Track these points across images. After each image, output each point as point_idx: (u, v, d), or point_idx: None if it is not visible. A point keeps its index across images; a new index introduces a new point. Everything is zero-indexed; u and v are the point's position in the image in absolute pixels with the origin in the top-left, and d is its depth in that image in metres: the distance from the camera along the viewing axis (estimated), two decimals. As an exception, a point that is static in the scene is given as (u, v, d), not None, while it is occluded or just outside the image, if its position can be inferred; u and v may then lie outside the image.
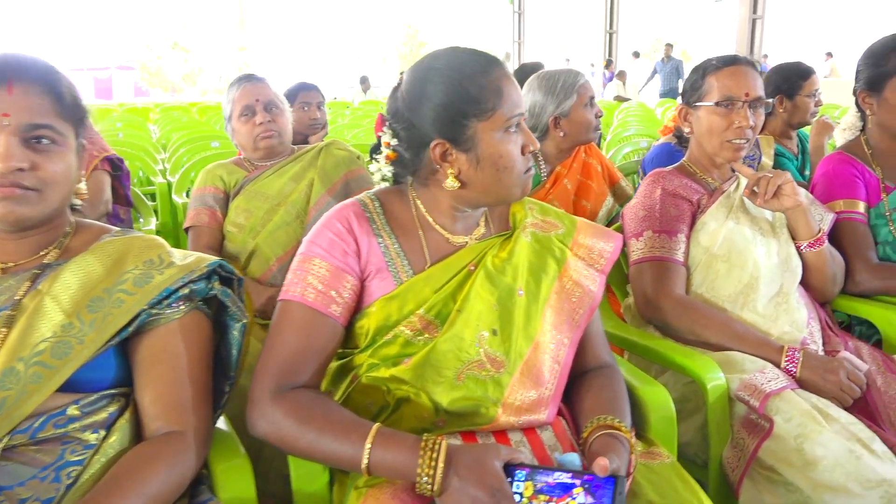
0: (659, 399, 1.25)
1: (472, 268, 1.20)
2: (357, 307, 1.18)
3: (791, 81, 2.73)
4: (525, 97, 2.25)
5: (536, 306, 1.20)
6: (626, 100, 11.36)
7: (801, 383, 1.43)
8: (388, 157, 1.20)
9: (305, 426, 1.05)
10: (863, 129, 1.98)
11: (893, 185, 1.87)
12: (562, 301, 1.23)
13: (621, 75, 13.53)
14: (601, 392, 1.22)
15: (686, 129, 1.74)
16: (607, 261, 1.29)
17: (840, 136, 2.05)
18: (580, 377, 1.28)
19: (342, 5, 24.07)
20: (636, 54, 18.08)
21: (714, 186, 1.73)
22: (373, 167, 1.23)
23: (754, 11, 12.86)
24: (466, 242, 1.23)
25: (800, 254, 1.67)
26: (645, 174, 2.63)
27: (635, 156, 3.64)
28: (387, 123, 1.19)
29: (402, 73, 1.22)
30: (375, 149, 1.22)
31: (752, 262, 1.61)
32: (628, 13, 18.86)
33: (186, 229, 2.13)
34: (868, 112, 1.91)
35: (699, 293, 1.61)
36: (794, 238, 1.66)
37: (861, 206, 1.86)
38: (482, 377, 1.15)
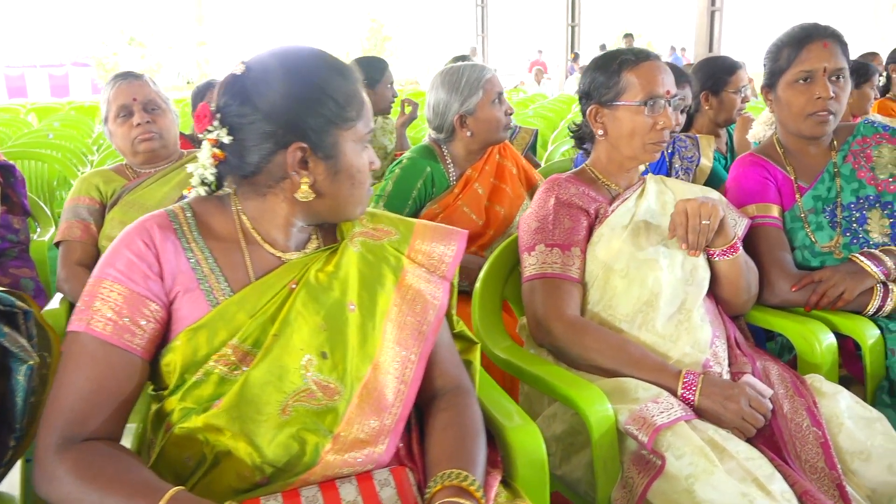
0: (527, 442, 1.10)
1: (294, 286, 1.05)
2: (166, 338, 1.02)
3: (716, 77, 2.62)
4: (429, 94, 2.10)
5: (373, 322, 1.07)
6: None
7: (700, 412, 1.29)
8: (214, 158, 1.03)
9: (89, 486, 0.89)
10: None
11: (807, 185, 1.75)
12: (404, 314, 1.10)
13: (583, 69, 13.45)
14: (447, 431, 1.07)
15: (599, 132, 1.59)
16: (449, 266, 1.16)
17: (756, 131, 1.93)
18: (429, 405, 1.13)
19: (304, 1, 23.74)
20: (602, 47, 18.05)
21: (617, 193, 1.60)
22: (190, 168, 1.06)
23: (713, 4, 12.88)
24: (291, 258, 1.09)
25: (711, 264, 1.54)
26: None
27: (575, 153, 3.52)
28: (217, 117, 1.02)
29: (243, 61, 1.05)
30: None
31: (653, 278, 1.47)
32: (593, 6, 18.80)
33: (57, 244, 1.95)
34: (769, 110, 1.80)
35: (596, 312, 1.48)
36: (710, 245, 1.53)
37: (775, 210, 1.73)
38: (314, 407, 1.01)
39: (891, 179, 1.71)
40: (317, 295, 1.06)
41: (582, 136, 1.67)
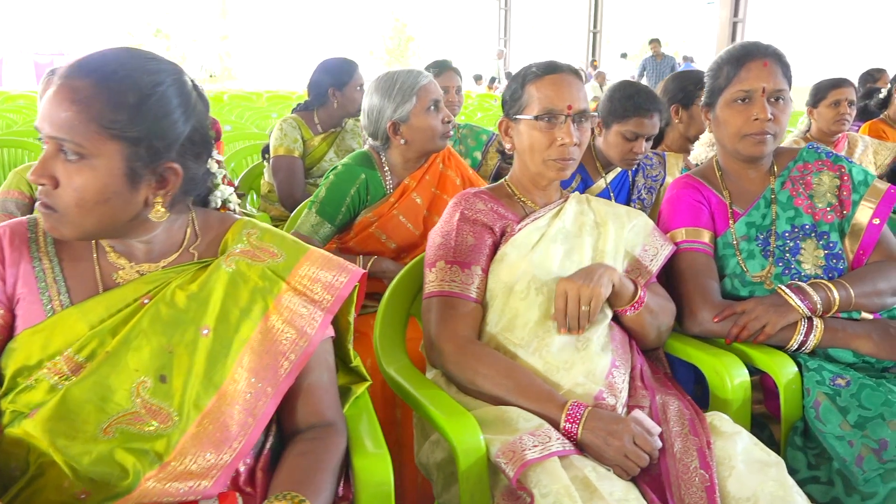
0: (373, 471, 1.04)
1: (146, 301, 1.02)
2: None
3: (687, 90, 2.54)
4: (363, 100, 2.05)
5: (228, 349, 1.02)
6: (602, 100, 11.14)
7: (584, 447, 1.23)
8: None
9: None
10: None
11: (742, 210, 1.68)
12: (267, 343, 1.05)
13: (599, 76, 13.33)
14: (300, 459, 1.03)
15: (507, 145, 1.54)
16: (336, 297, 1.10)
17: (697, 152, 1.85)
18: (292, 437, 1.09)
19: (330, -3, 23.83)
20: (624, 55, 17.89)
21: (532, 210, 1.54)
22: None
23: (735, 14, 12.70)
24: (151, 271, 1.05)
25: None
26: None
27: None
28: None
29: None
30: None
31: (553, 302, 1.41)
32: (616, 14, 18.64)
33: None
34: (708, 130, 1.72)
35: (493, 334, 1.42)
36: (610, 304, 1.47)
37: (706, 236, 1.66)
38: (142, 432, 0.97)
39: (829, 209, 1.63)
40: (169, 314, 1.02)
41: (503, 150, 1.61)
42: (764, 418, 1.55)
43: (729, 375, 1.42)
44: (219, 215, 1.15)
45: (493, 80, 15.94)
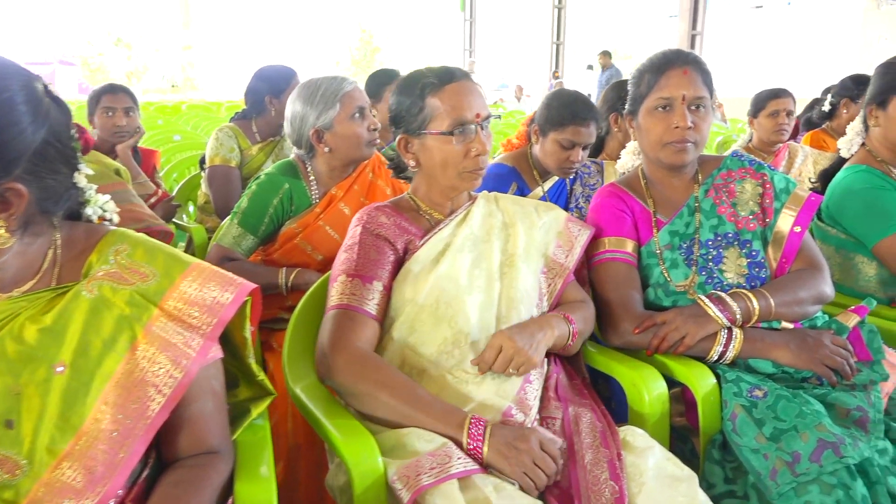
0: (255, 500, 0.98)
1: None
2: None
3: (625, 98, 2.52)
4: (287, 107, 2.00)
5: (88, 387, 0.93)
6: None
7: (489, 465, 1.18)
8: None
9: None
10: None
11: (665, 219, 1.65)
12: (136, 376, 0.95)
13: (559, 87, 13.40)
14: (171, 491, 0.96)
15: (411, 163, 1.49)
16: (218, 319, 1.01)
17: (624, 161, 1.83)
18: (171, 464, 1.02)
19: (294, 6, 23.66)
20: (590, 67, 18.06)
21: (438, 222, 1.49)
22: None
23: (693, 27, 12.92)
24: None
25: None
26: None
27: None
28: None
29: None
30: None
31: (463, 315, 1.37)
32: (579, 26, 18.84)
33: None
34: (632, 138, 1.70)
35: (401, 352, 1.36)
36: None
37: (629, 246, 1.63)
38: None
39: (751, 217, 1.62)
40: (16, 351, 0.92)
41: (399, 166, 1.55)
42: (686, 430, 1.52)
43: (646, 388, 1.39)
44: (85, 230, 1.05)
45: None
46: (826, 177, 2.12)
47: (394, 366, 1.32)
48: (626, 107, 1.68)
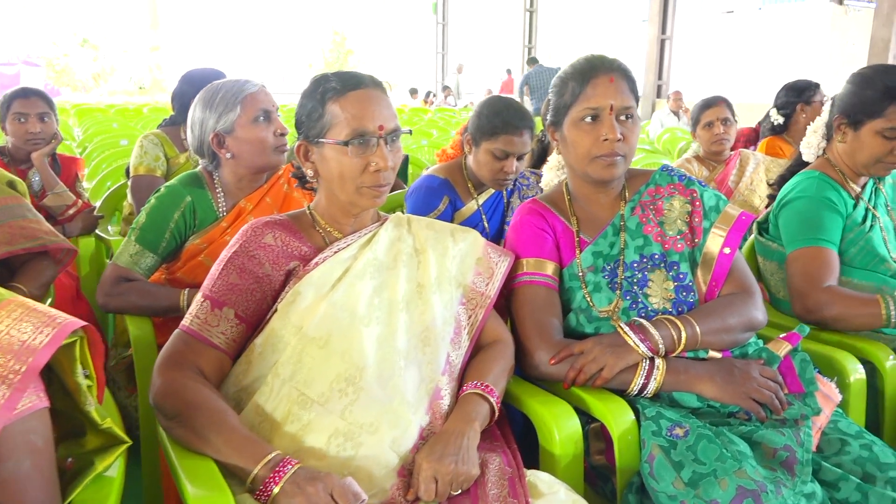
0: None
1: None
2: None
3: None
4: (189, 114, 1.86)
5: None
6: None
7: None
8: None
9: None
10: None
11: (589, 239, 1.53)
12: None
13: (526, 90, 13.28)
14: None
15: (309, 172, 1.36)
16: (30, 367, 0.84)
17: (547, 177, 1.71)
18: None
19: (265, 8, 23.37)
20: (534, 60, 18.00)
21: (336, 240, 1.36)
22: None
23: (663, 32, 12.91)
24: None
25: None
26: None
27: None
28: None
29: None
30: None
31: (358, 349, 1.23)
32: (552, 30, 18.84)
33: None
34: (556, 151, 1.58)
35: (286, 392, 1.20)
36: None
37: (549, 268, 1.51)
38: None
39: (679, 237, 1.50)
40: None
41: (303, 176, 1.42)
42: (607, 470, 1.40)
43: (557, 426, 1.27)
44: None
45: (428, 94, 15.85)
46: (785, 181, 2.02)
47: (214, 392, 1.18)
48: (549, 118, 1.55)
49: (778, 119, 3.32)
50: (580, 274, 1.51)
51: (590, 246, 1.52)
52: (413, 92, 16.47)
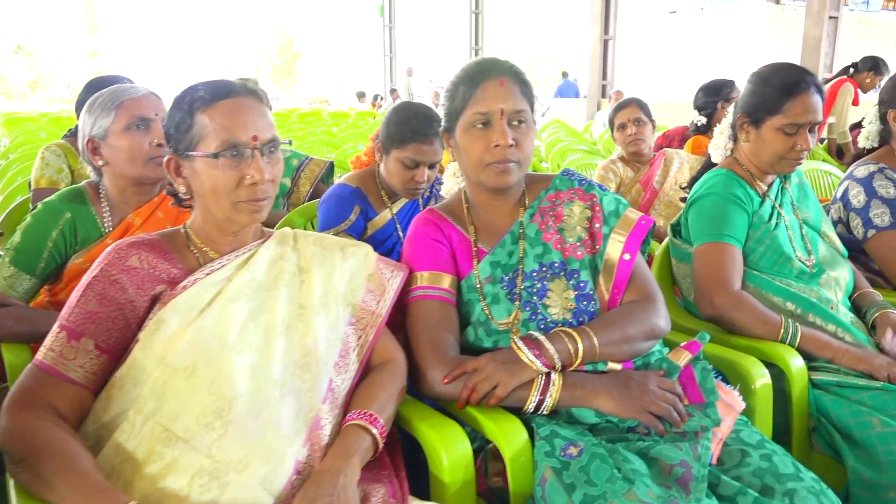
0: None
1: None
2: None
3: None
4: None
5: None
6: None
7: None
8: None
9: None
10: None
11: (487, 249, 1.47)
12: None
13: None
14: None
15: (181, 188, 1.26)
16: None
17: (447, 185, 1.64)
18: None
19: (209, 12, 22.89)
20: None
21: (211, 261, 1.27)
22: None
23: (606, 32, 13.05)
24: None
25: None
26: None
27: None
28: None
29: None
30: None
31: (228, 379, 1.14)
32: (499, 32, 18.90)
33: None
34: (451, 158, 1.52)
35: (150, 428, 1.10)
36: None
37: (446, 281, 1.44)
38: None
39: (578, 244, 1.45)
40: None
41: (177, 193, 1.31)
42: (505, 493, 1.33)
43: (445, 450, 1.20)
44: None
45: (376, 97, 15.72)
46: (696, 182, 2.00)
47: (68, 434, 1.08)
48: (443, 123, 1.49)
49: (700, 120, 3.34)
50: (478, 285, 1.44)
51: (487, 256, 1.46)
52: (361, 95, 16.31)
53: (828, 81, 5.71)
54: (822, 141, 5.70)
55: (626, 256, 1.43)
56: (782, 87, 1.74)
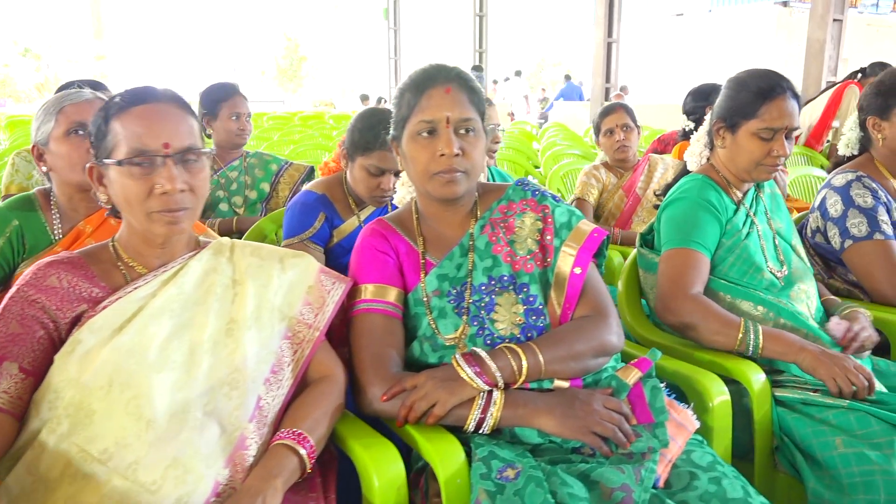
0: None
1: None
2: None
3: None
4: None
5: None
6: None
7: None
8: None
9: None
10: None
11: (436, 261, 1.43)
12: None
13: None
14: None
15: (102, 198, 1.23)
16: None
17: (400, 194, 1.60)
18: None
19: (215, 15, 22.97)
20: (518, 73, 18.12)
21: (139, 276, 1.23)
22: None
23: (609, 35, 12.97)
24: None
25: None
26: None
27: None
28: None
29: None
30: None
31: (146, 398, 1.10)
32: (505, 33, 18.85)
33: None
34: (400, 166, 1.48)
35: (66, 446, 1.07)
36: None
37: (391, 294, 1.40)
38: None
39: (529, 256, 1.41)
40: None
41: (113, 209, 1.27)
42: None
43: (377, 471, 1.15)
44: None
45: (379, 99, 15.69)
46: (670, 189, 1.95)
47: None
48: (391, 131, 1.45)
49: (689, 125, 3.29)
50: (425, 299, 1.40)
51: (435, 268, 1.41)
52: (364, 98, 16.32)
53: (833, 85, 5.63)
54: (827, 142, 5.61)
55: (578, 270, 1.39)
56: (758, 91, 1.70)
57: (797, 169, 3.85)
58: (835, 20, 9.50)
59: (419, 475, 1.33)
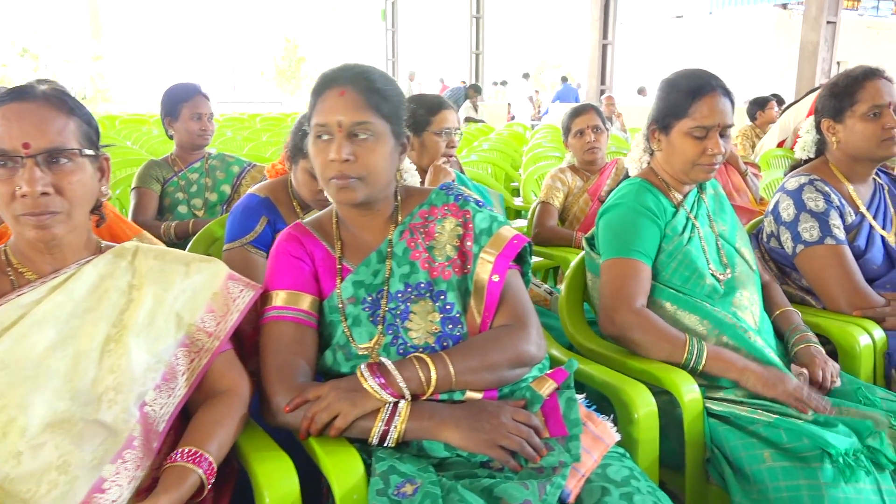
0: None
1: None
2: None
3: (418, 116, 2.31)
4: None
5: None
6: (478, 122, 11.03)
7: None
8: None
9: None
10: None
11: (353, 266, 1.39)
12: None
13: (473, 97, 13.20)
14: None
15: None
16: None
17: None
18: None
19: (214, 16, 22.97)
20: (526, 76, 18.07)
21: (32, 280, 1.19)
22: None
23: (604, 37, 12.93)
24: None
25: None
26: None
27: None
28: None
29: None
30: None
31: (19, 408, 1.06)
32: (503, 35, 18.81)
33: None
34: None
35: None
36: None
37: (305, 302, 1.35)
38: None
39: (447, 263, 1.36)
40: None
41: None
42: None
43: (268, 487, 1.11)
44: None
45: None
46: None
47: None
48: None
49: None
50: (340, 306, 1.36)
51: (351, 275, 1.37)
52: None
53: (817, 88, 5.59)
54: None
55: (496, 278, 1.34)
56: (688, 90, 1.66)
57: (773, 172, 3.80)
58: (828, 22, 9.46)
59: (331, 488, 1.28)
